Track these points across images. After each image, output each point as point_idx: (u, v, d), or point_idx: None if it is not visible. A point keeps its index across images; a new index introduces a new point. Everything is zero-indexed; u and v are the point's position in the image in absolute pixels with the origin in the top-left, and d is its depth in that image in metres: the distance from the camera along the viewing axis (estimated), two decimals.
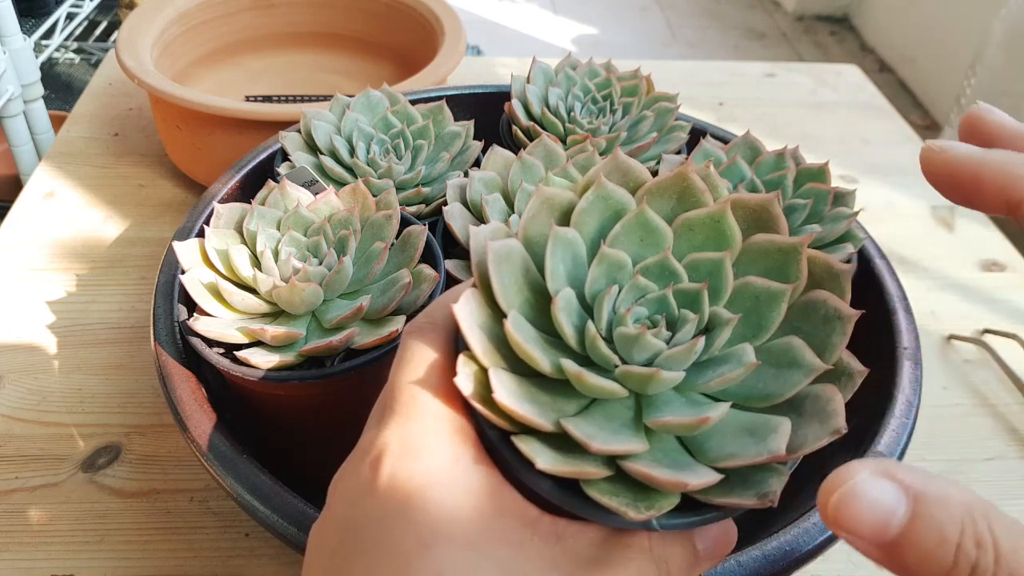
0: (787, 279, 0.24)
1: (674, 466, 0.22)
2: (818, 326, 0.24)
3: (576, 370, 0.23)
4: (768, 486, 0.22)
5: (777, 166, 0.49)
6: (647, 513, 0.22)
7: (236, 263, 0.42)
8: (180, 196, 0.73)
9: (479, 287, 0.24)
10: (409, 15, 0.80)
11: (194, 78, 0.80)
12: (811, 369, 0.23)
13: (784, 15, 2.82)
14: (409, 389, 0.24)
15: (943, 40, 2.22)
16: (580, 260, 0.25)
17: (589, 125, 0.54)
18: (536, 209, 0.25)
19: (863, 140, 0.87)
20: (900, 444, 0.39)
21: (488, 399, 0.22)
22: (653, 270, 0.25)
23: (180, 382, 0.41)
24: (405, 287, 0.42)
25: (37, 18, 1.43)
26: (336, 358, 0.42)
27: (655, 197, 0.26)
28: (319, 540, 0.24)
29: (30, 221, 0.69)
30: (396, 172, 0.51)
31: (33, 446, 0.51)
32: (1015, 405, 0.58)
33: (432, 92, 0.62)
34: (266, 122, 0.62)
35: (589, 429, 0.22)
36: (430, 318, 0.26)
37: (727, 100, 0.92)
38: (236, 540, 0.46)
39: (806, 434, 0.22)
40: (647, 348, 0.24)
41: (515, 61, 0.95)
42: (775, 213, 0.24)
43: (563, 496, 0.22)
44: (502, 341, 0.24)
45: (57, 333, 0.58)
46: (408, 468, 0.22)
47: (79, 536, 0.46)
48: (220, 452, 0.38)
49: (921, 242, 0.73)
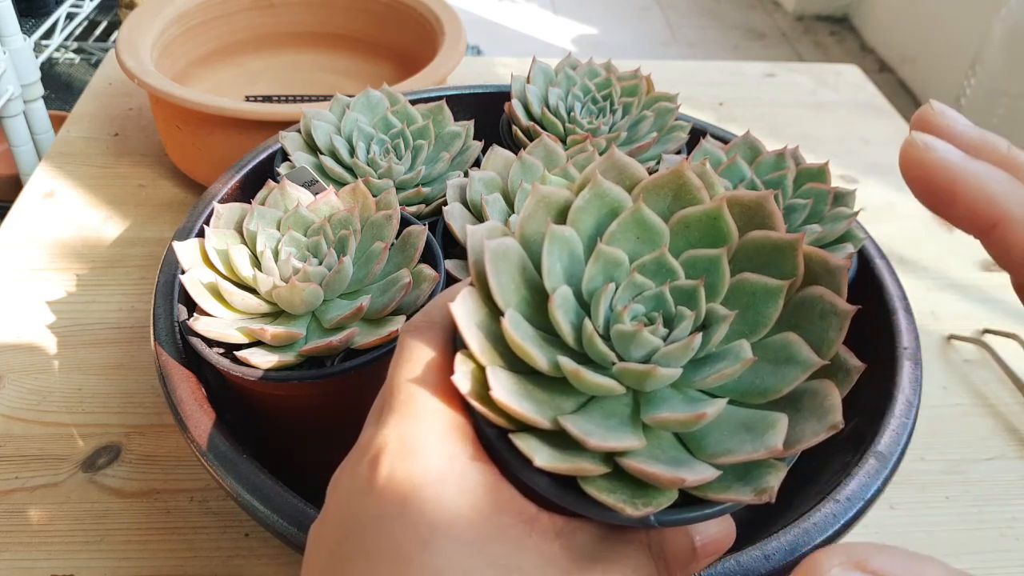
0: (783, 275, 0.24)
1: (672, 462, 0.22)
2: (815, 322, 0.24)
3: (573, 367, 0.23)
4: (765, 482, 0.22)
5: (777, 166, 0.49)
6: (645, 509, 0.22)
7: (236, 263, 0.42)
8: (180, 196, 0.73)
9: (476, 286, 0.24)
10: (409, 15, 0.80)
11: (194, 78, 0.80)
12: (808, 365, 0.23)
13: (784, 15, 2.82)
14: (407, 388, 0.24)
15: (943, 40, 2.22)
16: (577, 258, 0.25)
17: (589, 125, 0.54)
18: (533, 208, 0.25)
19: (863, 140, 0.87)
20: (900, 444, 0.39)
21: (486, 397, 0.22)
22: (650, 267, 0.25)
23: (180, 382, 0.41)
24: (405, 287, 0.42)
25: (37, 18, 1.43)
26: (336, 358, 0.42)
27: (651, 195, 0.26)
28: (318, 539, 0.24)
29: (30, 221, 0.69)
30: (396, 172, 0.51)
31: (33, 446, 0.51)
32: (1015, 405, 0.58)
33: (432, 92, 0.62)
34: (266, 122, 0.63)
35: (587, 426, 0.22)
36: (428, 317, 0.26)
37: (727, 100, 0.92)
38: (236, 540, 0.46)
39: (803, 430, 0.22)
40: (644, 345, 0.24)
41: (515, 61, 0.95)
42: (771, 210, 0.24)
43: (561, 493, 0.22)
44: (499, 339, 0.24)
45: (57, 333, 0.59)
46: (406, 466, 0.22)
47: (79, 536, 0.46)
48: (220, 452, 0.38)
49: (921, 242, 0.73)
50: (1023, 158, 0.21)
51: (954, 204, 0.21)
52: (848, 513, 0.36)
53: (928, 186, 0.21)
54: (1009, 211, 0.20)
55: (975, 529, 0.50)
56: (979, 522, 0.51)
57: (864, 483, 0.37)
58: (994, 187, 0.20)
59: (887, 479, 0.38)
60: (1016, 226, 0.20)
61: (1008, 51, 1.60)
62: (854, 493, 0.36)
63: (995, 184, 0.20)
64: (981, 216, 0.20)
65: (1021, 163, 0.21)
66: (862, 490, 0.37)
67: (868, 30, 2.65)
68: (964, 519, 0.51)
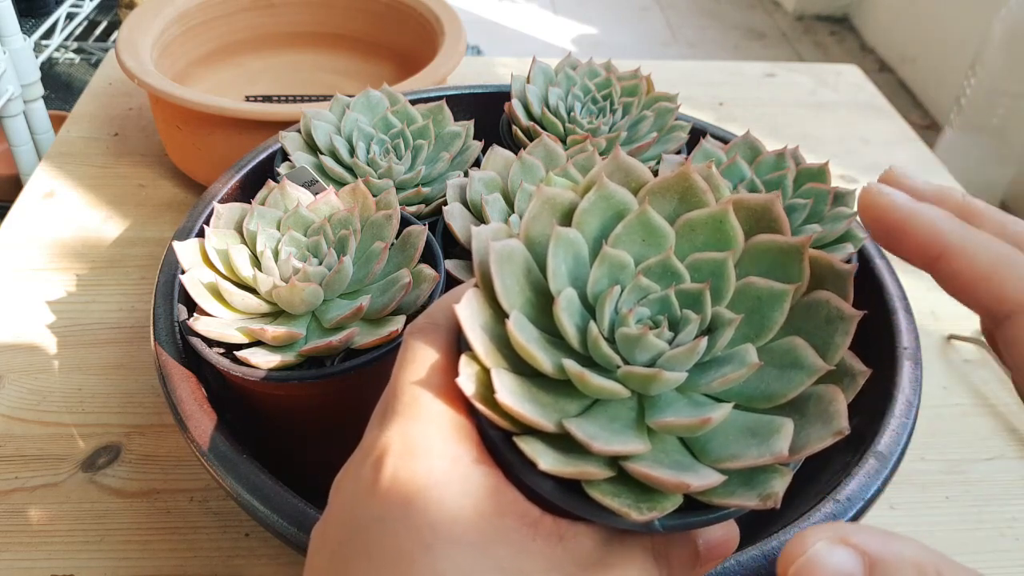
0: (789, 279, 0.24)
1: (676, 467, 0.22)
2: (820, 327, 0.24)
3: (578, 370, 0.23)
4: (771, 487, 0.22)
5: (777, 166, 0.49)
6: (649, 514, 0.21)
7: (236, 263, 0.42)
8: (180, 196, 0.73)
9: (481, 287, 0.24)
10: (409, 15, 0.80)
11: (194, 78, 0.79)
12: (813, 370, 0.23)
13: (784, 15, 2.83)
14: (411, 390, 0.24)
15: (943, 40, 2.22)
16: (582, 260, 0.25)
17: (589, 125, 0.54)
18: (538, 209, 0.25)
19: (863, 140, 0.87)
20: (900, 444, 0.39)
21: (490, 399, 0.22)
22: (655, 270, 0.25)
23: (180, 382, 0.40)
24: (405, 287, 0.42)
25: (37, 18, 1.43)
26: (336, 358, 0.42)
27: (657, 197, 0.26)
28: (321, 540, 0.24)
29: (30, 221, 0.69)
30: (396, 172, 0.51)
31: (33, 446, 0.51)
32: (1015, 405, 0.58)
33: (432, 92, 0.62)
34: (266, 122, 0.62)
35: (591, 430, 0.22)
36: (432, 318, 0.26)
37: (727, 100, 0.92)
38: (236, 540, 0.46)
39: (809, 435, 0.22)
40: (649, 348, 0.23)
41: (515, 61, 0.95)
42: (777, 213, 0.24)
43: (565, 497, 0.22)
44: (504, 341, 0.24)
45: (57, 333, 0.58)
46: (410, 468, 0.22)
47: (79, 536, 0.46)
48: (220, 452, 0.38)
49: None
50: (977, 204, 0.25)
51: (904, 240, 0.24)
52: (848, 513, 0.36)
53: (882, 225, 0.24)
54: (952, 242, 0.23)
55: (975, 529, 0.51)
56: (979, 522, 0.51)
57: (864, 483, 0.37)
58: (939, 223, 0.23)
59: (887, 479, 0.38)
60: (959, 254, 0.23)
61: (1008, 51, 1.60)
62: (854, 493, 0.36)
63: (939, 221, 0.23)
64: (928, 248, 0.23)
65: (975, 208, 0.25)
66: (862, 490, 0.37)
67: (868, 30, 2.66)
68: (964, 519, 0.51)
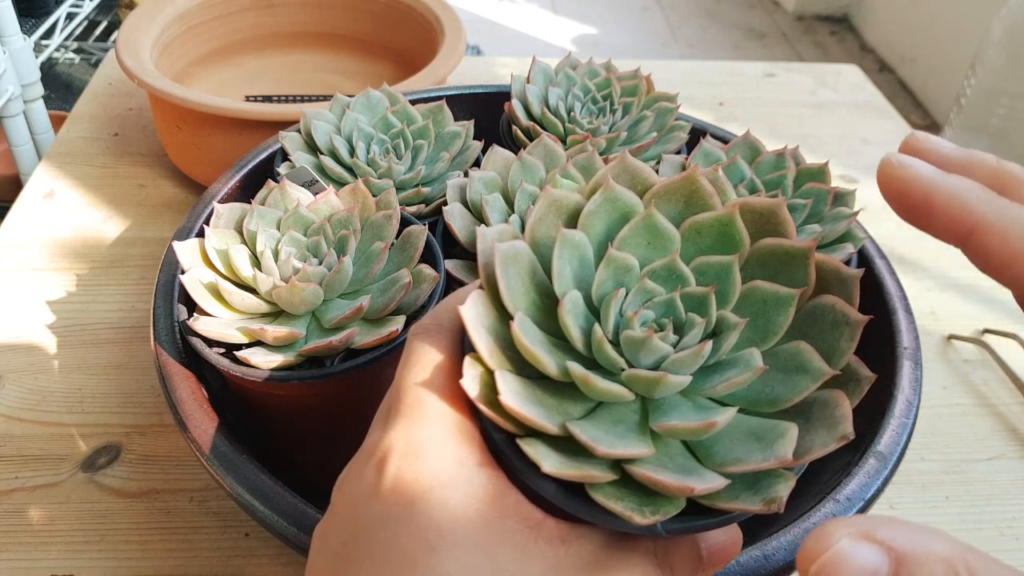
0: (795, 283, 0.24)
1: (680, 471, 0.22)
2: (826, 331, 0.23)
3: (582, 373, 0.22)
4: (775, 492, 0.22)
5: (777, 166, 0.49)
6: (652, 518, 0.21)
7: (236, 263, 0.42)
8: (180, 196, 0.72)
9: (486, 289, 0.24)
10: (409, 15, 0.80)
11: (194, 78, 0.79)
12: (819, 374, 0.23)
13: (784, 15, 2.82)
14: (415, 391, 0.24)
15: (943, 40, 2.22)
16: (587, 263, 0.25)
17: (589, 125, 0.54)
18: (543, 211, 0.25)
19: (863, 140, 0.87)
20: (900, 444, 0.39)
21: (494, 401, 0.22)
22: (660, 273, 0.25)
23: (180, 382, 0.40)
24: (405, 287, 0.42)
25: (37, 18, 1.42)
26: (336, 358, 0.42)
27: (663, 200, 0.25)
28: (323, 541, 0.24)
29: (30, 221, 0.68)
30: (396, 172, 0.50)
31: (33, 446, 0.50)
32: (1015, 405, 0.58)
33: (432, 92, 0.62)
34: (266, 122, 0.62)
35: (595, 432, 0.22)
36: (436, 320, 0.26)
37: (727, 100, 0.92)
38: (236, 540, 0.46)
39: (813, 440, 0.22)
40: (654, 352, 0.23)
41: (515, 61, 0.95)
42: (783, 217, 0.24)
43: (568, 500, 0.22)
44: (508, 343, 0.24)
45: (57, 333, 0.58)
46: (413, 470, 0.22)
47: (79, 536, 0.46)
48: (220, 452, 0.37)
49: (921, 242, 0.73)
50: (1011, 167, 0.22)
51: (932, 215, 0.22)
52: (848, 513, 0.36)
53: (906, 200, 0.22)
54: (984, 218, 0.21)
55: (975, 529, 0.51)
56: (979, 522, 0.51)
57: (864, 483, 0.37)
58: (968, 196, 0.21)
59: (887, 479, 0.38)
60: (991, 230, 0.21)
61: (1008, 51, 1.60)
62: (854, 493, 0.36)
63: (968, 193, 0.21)
64: (957, 224, 0.21)
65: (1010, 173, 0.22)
66: (862, 490, 0.37)
67: (868, 30, 2.66)
68: (964, 519, 0.51)
